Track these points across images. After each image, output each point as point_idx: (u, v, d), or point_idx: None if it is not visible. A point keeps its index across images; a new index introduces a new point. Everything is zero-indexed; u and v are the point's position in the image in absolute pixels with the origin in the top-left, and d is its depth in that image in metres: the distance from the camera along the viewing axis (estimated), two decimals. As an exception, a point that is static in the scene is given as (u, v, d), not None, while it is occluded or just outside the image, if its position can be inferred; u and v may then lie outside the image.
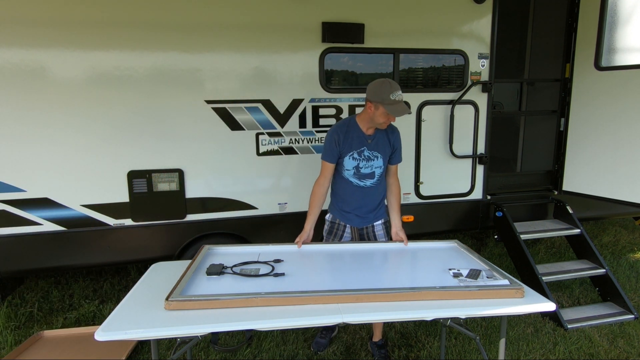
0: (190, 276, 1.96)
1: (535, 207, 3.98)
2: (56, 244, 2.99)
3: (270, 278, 1.99)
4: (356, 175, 2.50)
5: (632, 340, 2.95)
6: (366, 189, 2.53)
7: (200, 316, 1.65)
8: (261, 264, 2.15)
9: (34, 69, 2.77)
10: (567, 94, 3.83)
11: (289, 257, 2.27)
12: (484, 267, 2.12)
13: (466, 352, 2.81)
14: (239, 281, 1.96)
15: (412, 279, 2.03)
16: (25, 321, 3.18)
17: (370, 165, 2.49)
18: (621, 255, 4.47)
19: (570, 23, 3.75)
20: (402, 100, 2.30)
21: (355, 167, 2.48)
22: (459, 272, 2.05)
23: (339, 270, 2.14)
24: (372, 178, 2.52)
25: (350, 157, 2.47)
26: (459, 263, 2.20)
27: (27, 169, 2.86)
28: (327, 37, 3.18)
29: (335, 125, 2.54)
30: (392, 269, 2.20)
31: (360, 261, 2.24)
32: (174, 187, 3.11)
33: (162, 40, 2.92)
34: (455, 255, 2.34)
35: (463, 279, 1.97)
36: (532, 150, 4.61)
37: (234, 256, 2.28)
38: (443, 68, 3.55)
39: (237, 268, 2.08)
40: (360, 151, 2.47)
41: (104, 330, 1.55)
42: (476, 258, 2.24)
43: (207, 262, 2.17)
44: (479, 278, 1.97)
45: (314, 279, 2.03)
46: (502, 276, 1.97)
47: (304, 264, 2.21)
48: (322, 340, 2.85)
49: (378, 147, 2.49)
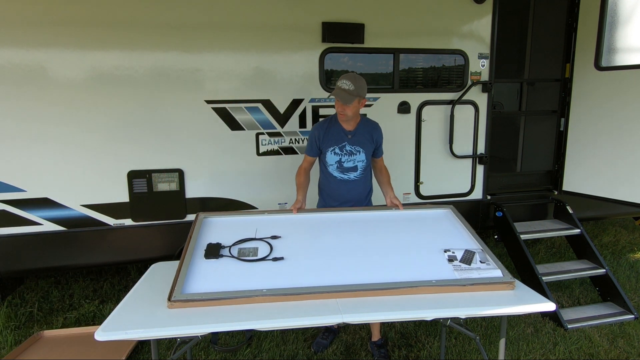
0: (189, 260, 1.95)
1: (535, 207, 3.98)
2: (56, 244, 2.99)
3: (269, 262, 1.99)
4: (339, 169, 2.59)
5: (632, 340, 2.95)
6: (350, 182, 2.61)
7: (200, 316, 1.65)
8: (259, 242, 2.14)
9: (34, 68, 2.77)
10: (567, 94, 3.83)
11: (286, 231, 2.25)
12: (477, 247, 2.18)
13: (466, 352, 2.81)
14: (238, 266, 1.95)
15: (407, 261, 2.05)
16: (25, 321, 3.18)
17: (353, 159, 2.58)
18: (621, 255, 4.46)
19: (570, 23, 3.75)
20: (344, 89, 2.38)
21: (337, 161, 2.59)
22: (454, 254, 2.11)
23: (336, 253, 2.11)
24: (355, 171, 2.60)
25: (332, 152, 2.58)
26: (452, 239, 2.25)
27: (27, 169, 2.86)
28: (327, 37, 3.18)
29: (318, 122, 2.71)
30: (388, 247, 2.18)
31: (357, 236, 2.25)
32: (174, 187, 3.11)
33: (162, 40, 2.92)
34: (449, 227, 2.38)
35: (457, 263, 2.04)
36: (532, 150, 4.61)
37: (231, 227, 2.26)
38: (443, 68, 3.55)
39: (235, 248, 2.07)
40: (341, 146, 2.57)
41: (104, 330, 1.56)
42: (467, 230, 2.32)
43: (204, 236, 2.16)
44: (472, 263, 2.04)
45: (311, 263, 2.01)
46: (493, 260, 2.05)
47: (301, 242, 2.19)
48: (324, 342, 2.85)
49: (360, 142, 2.58)
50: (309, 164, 2.69)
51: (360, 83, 2.41)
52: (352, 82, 2.38)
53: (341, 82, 2.41)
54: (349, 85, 2.38)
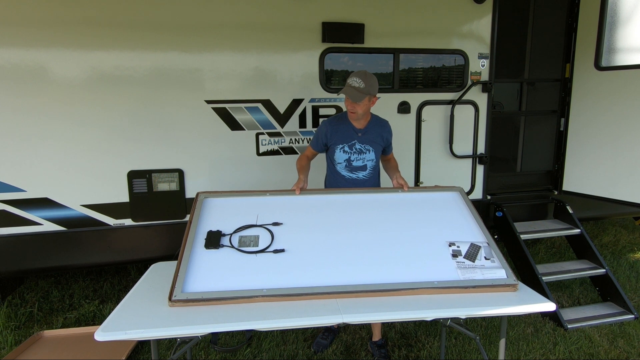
0: (190, 250, 1.94)
1: (535, 207, 3.98)
2: (56, 244, 2.99)
3: (270, 255, 1.97)
4: (347, 168, 2.55)
5: (632, 340, 2.95)
6: (359, 182, 2.58)
7: (200, 316, 1.65)
8: (260, 229, 2.11)
9: (34, 68, 2.77)
10: (567, 94, 3.83)
11: (288, 217, 2.19)
12: (483, 239, 2.14)
13: (466, 352, 2.81)
14: (239, 258, 1.94)
15: (411, 256, 2.02)
16: (25, 321, 3.18)
17: (362, 158, 2.54)
18: (621, 255, 4.46)
19: (570, 23, 3.75)
20: (354, 87, 2.34)
21: (346, 160, 2.53)
22: (458, 249, 2.07)
23: (338, 245, 2.06)
24: (364, 170, 2.56)
25: (341, 150, 2.52)
26: (459, 229, 2.19)
27: (27, 169, 2.86)
28: (327, 37, 3.18)
29: (329, 117, 2.63)
30: (392, 239, 2.12)
31: (360, 224, 2.18)
32: (174, 187, 3.10)
33: (162, 40, 2.92)
34: (457, 214, 2.30)
35: (461, 259, 2.02)
36: (532, 150, 4.60)
37: (232, 210, 2.20)
38: (443, 68, 3.55)
39: (235, 237, 2.04)
40: (351, 144, 2.52)
41: (103, 330, 1.55)
42: (474, 218, 2.25)
43: (204, 219, 2.13)
44: (477, 259, 2.02)
45: (312, 256, 1.99)
46: (498, 257, 2.02)
47: (302, 231, 2.13)
48: (324, 342, 2.85)
49: (370, 141, 2.53)
50: (311, 154, 2.67)
51: (371, 80, 2.37)
52: (362, 79, 2.34)
53: (351, 79, 2.36)
54: (359, 83, 2.34)
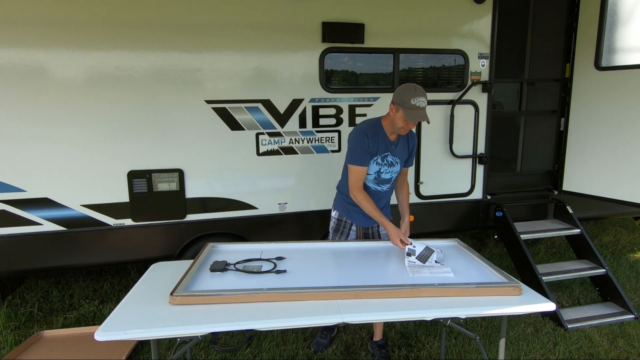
0: (194, 273, 1.97)
1: (535, 207, 3.98)
2: (56, 244, 2.99)
3: (272, 275, 2.00)
4: (376, 181, 2.48)
5: (632, 340, 2.95)
6: (381, 194, 2.54)
7: (200, 315, 1.65)
8: (264, 261, 2.16)
9: (34, 68, 2.76)
10: (567, 94, 3.83)
11: (291, 255, 2.27)
12: (483, 264, 2.14)
13: (466, 352, 2.81)
14: (242, 278, 1.97)
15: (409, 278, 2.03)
16: (25, 321, 3.18)
17: (391, 171, 2.48)
18: (621, 255, 4.47)
19: (570, 23, 3.75)
20: (423, 107, 2.23)
21: (377, 172, 2.45)
22: (414, 248, 2.16)
23: (340, 268, 2.15)
24: (389, 183, 2.52)
25: (374, 162, 2.42)
26: (457, 262, 2.21)
27: (27, 169, 2.86)
28: (327, 37, 3.18)
29: (361, 126, 2.44)
30: (391, 268, 2.18)
31: (361, 259, 2.26)
32: (174, 187, 3.10)
33: (162, 40, 2.92)
34: (455, 254, 2.34)
35: (412, 259, 2.13)
36: (532, 150, 4.60)
37: (237, 254, 2.28)
38: (443, 68, 3.55)
39: (240, 265, 2.10)
40: (384, 156, 2.43)
41: (103, 330, 1.55)
42: (476, 257, 2.24)
43: (210, 260, 2.18)
44: (427, 261, 2.12)
45: (314, 276, 2.03)
46: (502, 275, 1.97)
47: (305, 261, 2.21)
48: (323, 341, 2.85)
49: (399, 153, 2.47)
50: (363, 176, 2.42)
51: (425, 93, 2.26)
52: (424, 97, 2.23)
53: (416, 100, 2.19)
54: (424, 102, 2.22)
